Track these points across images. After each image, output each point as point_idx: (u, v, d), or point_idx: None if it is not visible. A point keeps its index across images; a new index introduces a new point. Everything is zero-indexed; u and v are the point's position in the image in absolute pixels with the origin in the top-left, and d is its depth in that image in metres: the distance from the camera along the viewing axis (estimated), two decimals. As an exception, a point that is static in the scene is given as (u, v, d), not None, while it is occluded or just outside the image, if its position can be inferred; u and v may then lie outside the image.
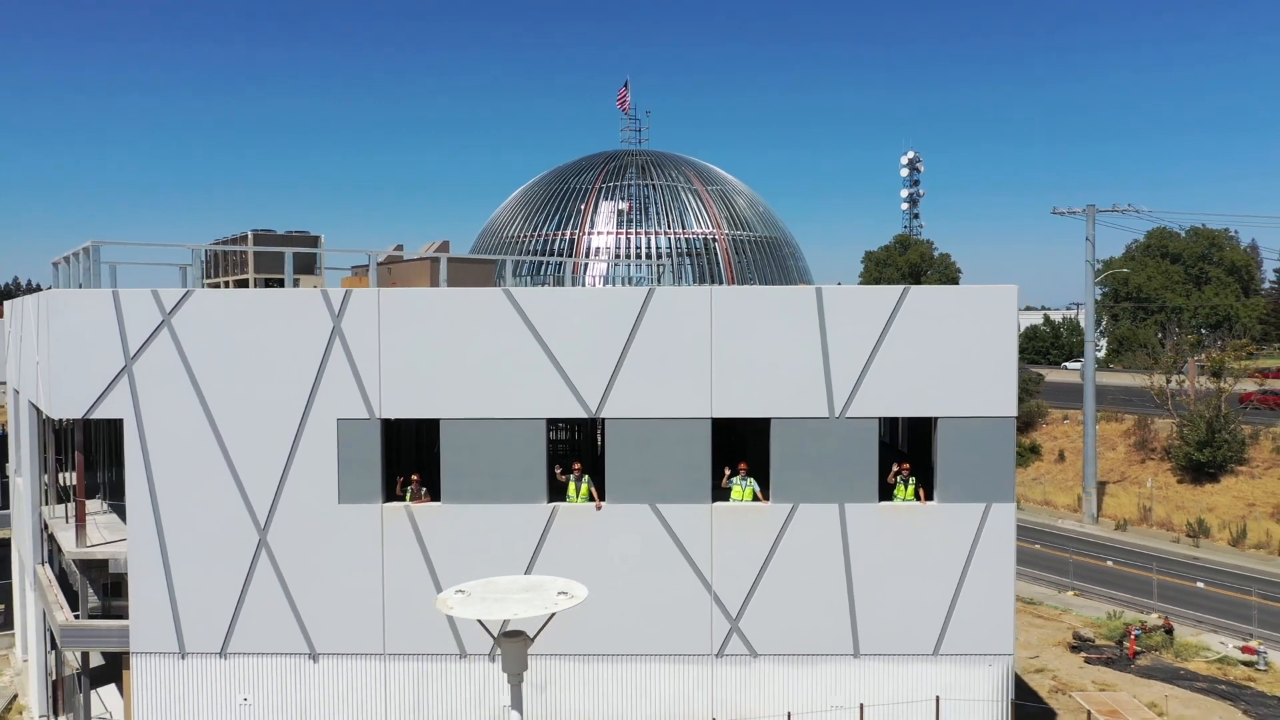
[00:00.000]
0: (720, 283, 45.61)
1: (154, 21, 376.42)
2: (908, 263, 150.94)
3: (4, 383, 35.26)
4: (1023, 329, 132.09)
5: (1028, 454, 65.94)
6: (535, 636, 8.39)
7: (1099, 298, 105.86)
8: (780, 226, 50.31)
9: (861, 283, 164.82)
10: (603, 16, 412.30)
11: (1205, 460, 51.88)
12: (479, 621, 8.38)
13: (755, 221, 47.85)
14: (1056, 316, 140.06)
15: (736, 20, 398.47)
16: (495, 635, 8.30)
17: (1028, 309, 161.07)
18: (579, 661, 20.91)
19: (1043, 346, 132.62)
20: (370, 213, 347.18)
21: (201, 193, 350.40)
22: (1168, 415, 56.51)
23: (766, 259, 46.26)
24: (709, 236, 46.48)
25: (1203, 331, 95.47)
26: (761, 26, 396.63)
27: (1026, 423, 69.32)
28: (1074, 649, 32.63)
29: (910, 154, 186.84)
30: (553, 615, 8.53)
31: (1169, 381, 56.91)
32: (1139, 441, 59.17)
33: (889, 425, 27.84)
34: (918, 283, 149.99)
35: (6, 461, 34.60)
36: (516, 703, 8.38)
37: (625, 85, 50.16)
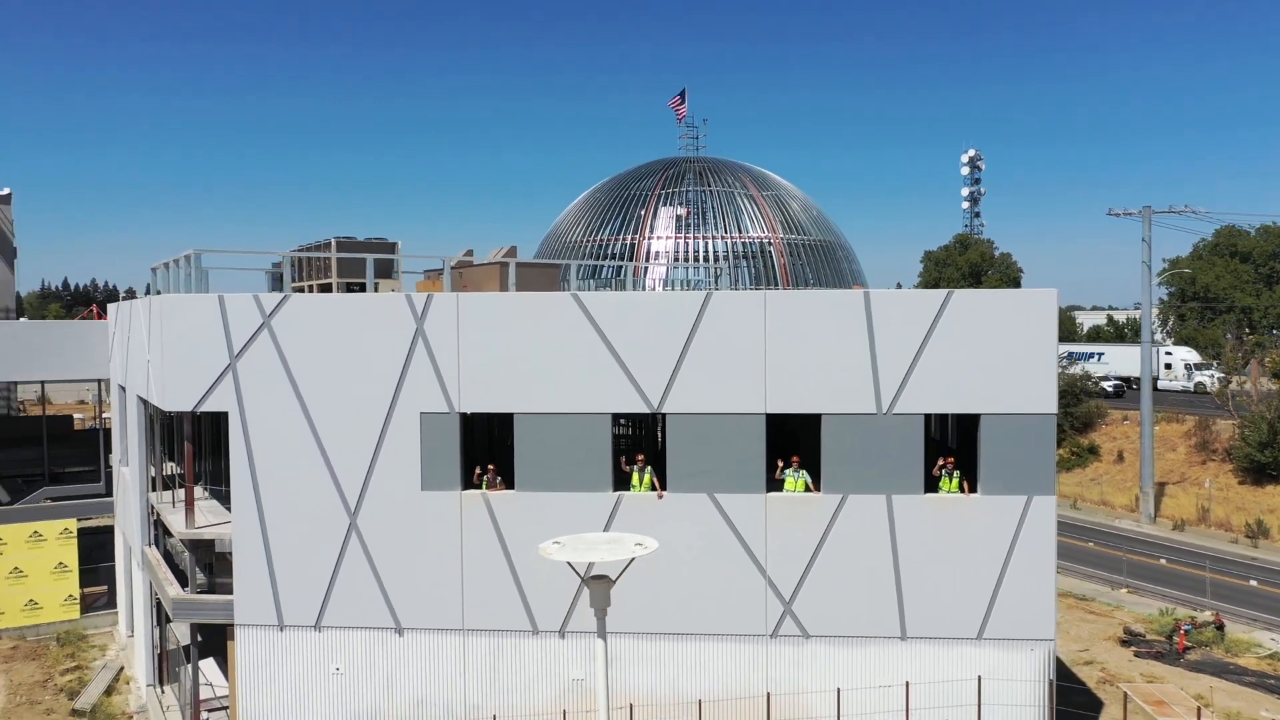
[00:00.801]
0: (775, 285, 46.88)
1: (239, 25, 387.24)
2: (967, 262, 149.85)
3: (107, 379, 37.97)
4: (1086, 329, 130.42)
5: (1086, 454, 65.96)
6: (616, 579, 9.87)
7: (1165, 298, 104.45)
8: (834, 230, 51.37)
9: (920, 283, 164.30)
10: (661, 24, 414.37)
11: (1267, 461, 51.69)
12: (568, 564, 9.89)
13: (809, 225, 48.99)
14: (1121, 316, 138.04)
15: (792, 25, 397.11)
16: (583, 577, 9.81)
17: (1094, 308, 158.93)
18: (642, 640, 22.45)
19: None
20: (441, 218, 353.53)
21: (278, 198, 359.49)
22: (1229, 416, 56.32)
23: (820, 261, 47.36)
24: (764, 240, 47.76)
25: (1275, 332, 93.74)
26: (817, 29, 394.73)
27: (1085, 423, 69.26)
28: (1124, 643, 33.31)
29: (971, 152, 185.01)
30: (632, 560, 10.00)
31: (1229, 383, 56.66)
32: (1200, 443, 58.96)
33: (938, 420, 28.92)
34: (978, 283, 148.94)
35: (110, 452, 37.27)
36: (601, 633, 9.91)
37: (682, 95, 51.79)
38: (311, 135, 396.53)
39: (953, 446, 27.79)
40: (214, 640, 26.28)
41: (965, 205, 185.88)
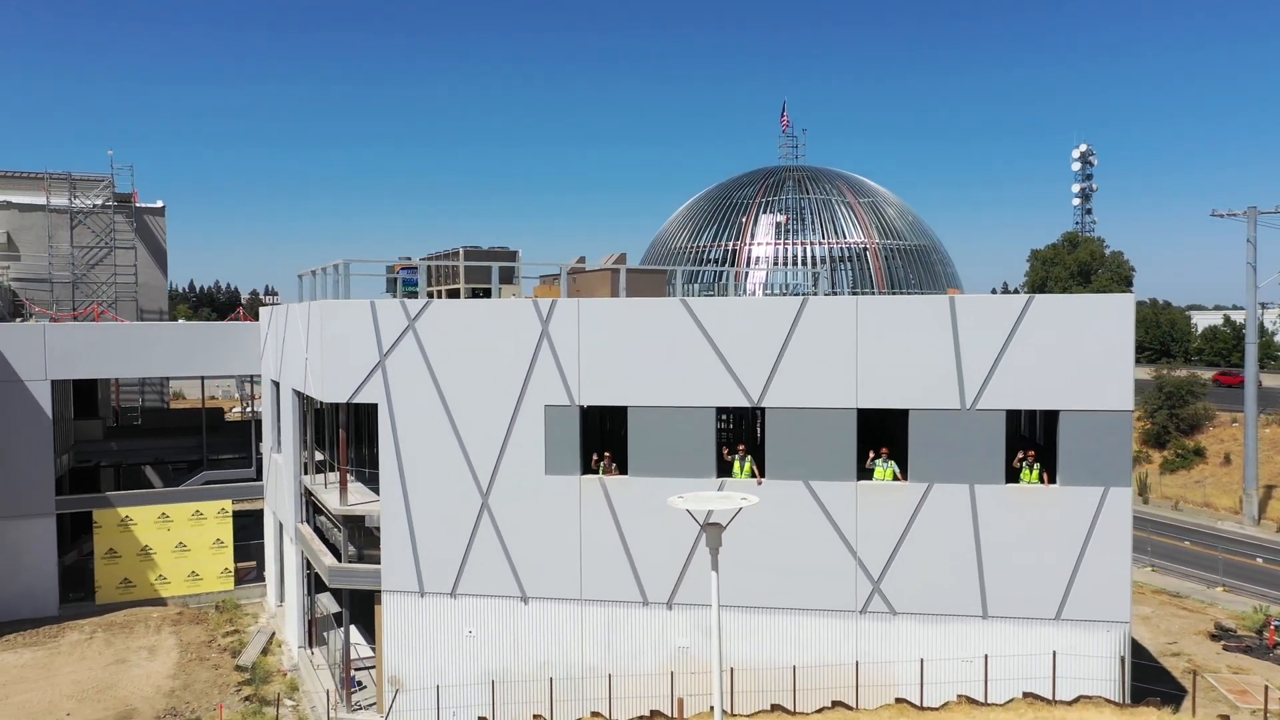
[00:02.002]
0: (871, 288, 48.49)
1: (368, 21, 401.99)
2: (1076, 261, 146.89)
3: (258, 375, 42.09)
4: (1200, 330, 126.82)
5: (1191, 456, 65.31)
6: (727, 525, 12.16)
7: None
8: (929, 234, 52.58)
9: (1027, 283, 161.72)
10: (764, 33, 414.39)
11: (1378, 465, 50.88)
12: (688, 511, 12.24)
13: (905, 230, 50.40)
14: (1239, 317, 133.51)
15: (892, 29, 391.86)
16: (701, 524, 12.15)
17: (1216, 308, 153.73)
18: (743, 612, 24.74)
19: (1223, 348, 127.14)
20: (554, 225, 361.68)
21: (383, 203, 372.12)
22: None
23: (915, 265, 48.73)
24: (861, 245, 49.40)
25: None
26: (918, 33, 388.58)
27: (1192, 425, 68.42)
28: (1214, 638, 34.08)
29: (1082, 147, 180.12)
30: (739, 509, 12.32)
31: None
32: (1311, 446, 58.09)
33: (1027, 416, 30.40)
34: (1087, 282, 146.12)
35: (260, 440, 41.38)
36: (714, 565, 12.18)
37: (784, 108, 53.73)
38: (428, 143, 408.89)
39: (1039, 441, 29.28)
40: (357, 610, 29.57)
41: (1076, 202, 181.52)
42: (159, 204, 58.74)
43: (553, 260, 34.67)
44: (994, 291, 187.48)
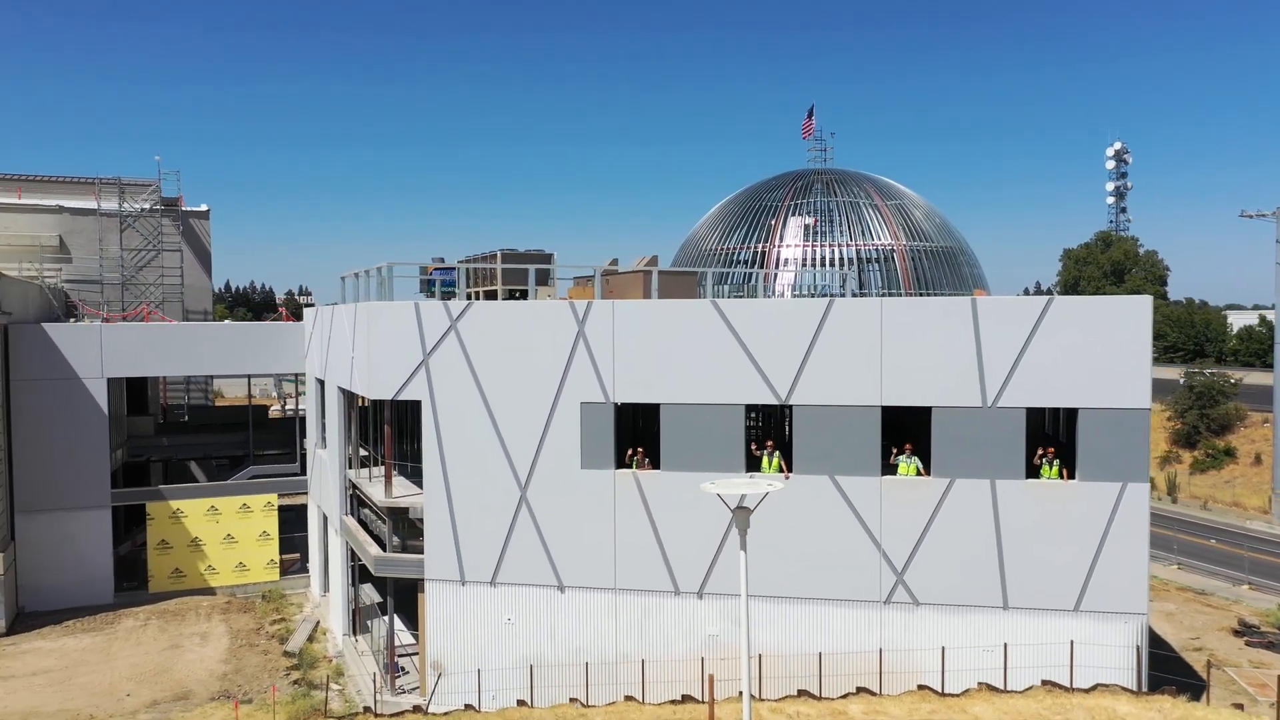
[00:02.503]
0: (899, 289, 49.27)
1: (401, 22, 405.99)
2: (1109, 260, 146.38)
3: (302, 373, 43.57)
4: (1236, 330, 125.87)
5: (1221, 456, 65.41)
6: (754, 508, 13.16)
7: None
8: (956, 236, 53.28)
9: (1059, 282, 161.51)
10: (793, 34, 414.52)
11: None
12: (718, 496, 13.26)
13: (932, 232, 51.13)
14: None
15: (923, 29, 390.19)
16: (732, 508, 13.15)
17: (1255, 307, 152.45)
18: (770, 602, 25.73)
19: (1259, 348, 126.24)
20: (587, 226, 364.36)
21: (433, 206, 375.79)
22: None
23: (942, 266, 49.46)
24: (888, 247, 50.23)
25: None
26: (949, 33, 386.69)
27: (1223, 425, 68.48)
28: (1236, 634, 34.60)
29: (1117, 145, 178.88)
30: (766, 494, 13.31)
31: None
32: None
33: (1049, 413, 31.09)
34: (1120, 282, 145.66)
35: (304, 437, 42.85)
36: (743, 545, 13.17)
37: (810, 112, 54.70)
38: (465, 145, 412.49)
39: (1061, 440, 30.00)
40: (399, 599, 30.82)
41: (1110, 201, 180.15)
42: (203, 207, 60.59)
43: (586, 262, 35.83)
44: (1026, 291, 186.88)
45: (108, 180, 57.17)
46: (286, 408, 77.23)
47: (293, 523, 45.25)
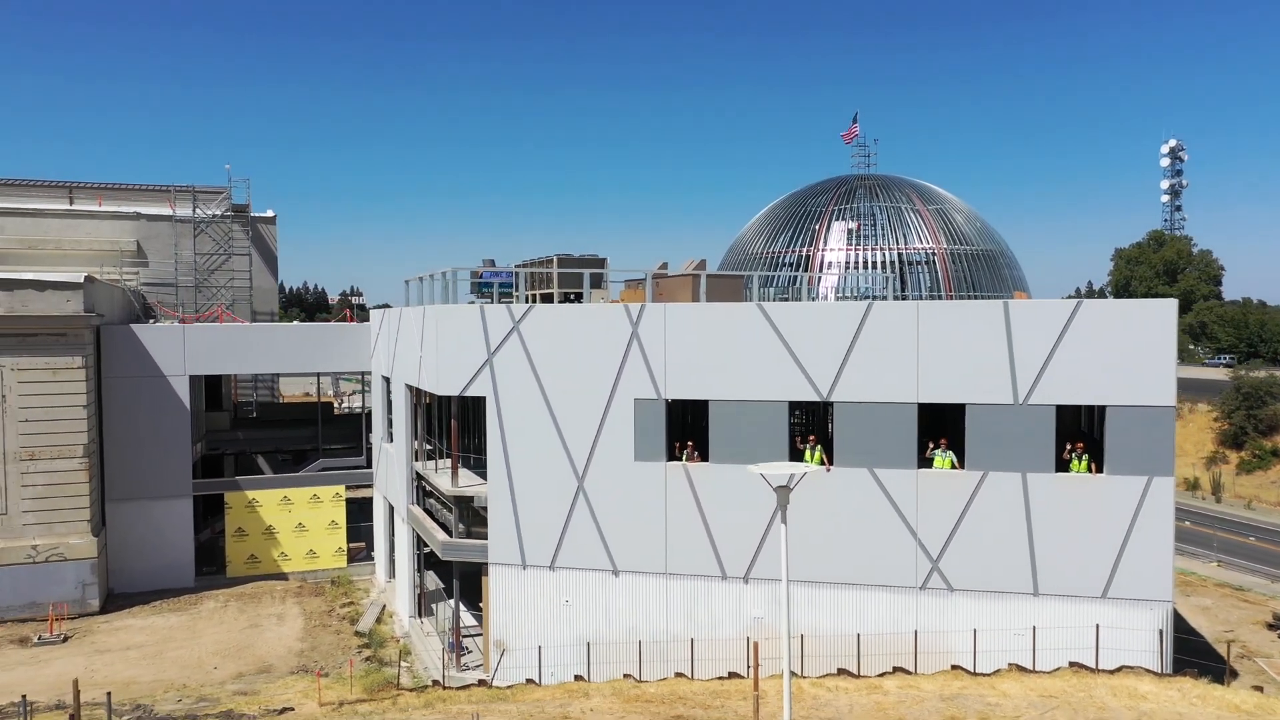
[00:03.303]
0: (939, 293, 50.51)
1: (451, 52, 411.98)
2: (1161, 260, 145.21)
3: (368, 371, 45.96)
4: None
5: (1268, 457, 65.61)
6: (793, 488, 14.86)
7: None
8: (997, 240, 54.36)
9: (1110, 282, 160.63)
10: (838, 36, 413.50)
11: None
12: (762, 475, 14.99)
13: (973, 236, 52.30)
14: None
15: (969, 31, 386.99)
16: (774, 486, 14.87)
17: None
18: (811, 587, 27.37)
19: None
20: (638, 230, 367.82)
21: (484, 209, 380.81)
22: None
23: (982, 269, 50.61)
24: (929, 251, 51.47)
25: None
26: (1001, 33, 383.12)
27: (1271, 426, 68.58)
28: (1270, 627, 35.54)
29: (1171, 142, 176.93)
30: (804, 474, 15.02)
31: None
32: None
33: (1073, 408, 32.32)
34: (1173, 281, 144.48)
35: (370, 431, 45.24)
36: (783, 519, 14.87)
37: (854, 119, 56.07)
38: (518, 149, 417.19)
39: (1095, 435, 31.26)
40: (461, 584, 32.88)
41: (1165, 199, 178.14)
42: (269, 213, 63.50)
43: (637, 265, 37.67)
44: (1077, 291, 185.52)
45: (182, 188, 60.30)
46: (343, 405, 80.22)
47: (356, 514, 47.69)
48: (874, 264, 51.46)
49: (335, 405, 78.97)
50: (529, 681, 28.15)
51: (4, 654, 33.72)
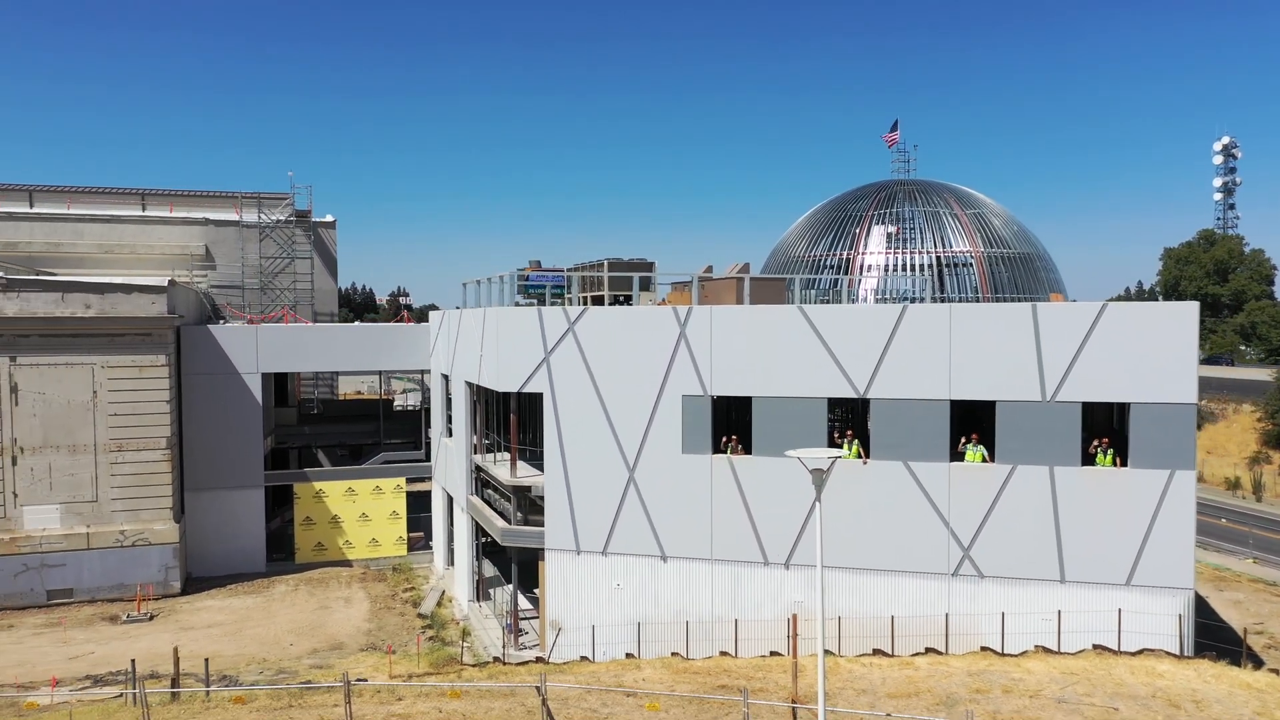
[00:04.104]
0: (977, 295, 51.77)
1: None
2: (1212, 260, 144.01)
3: (427, 370, 48.31)
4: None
5: (1312, 457, 65.89)
6: (828, 471, 16.62)
7: None
8: (1033, 242, 55.41)
9: (1159, 281, 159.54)
10: (878, 39, 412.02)
11: None
12: (799, 459, 16.77)
13: (1010, 239, 53.43)
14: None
15: (1018, 30, 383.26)
16: (809, 469, 16.65)
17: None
18: (848, 574, 29.05)
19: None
20: (682, 235, 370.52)
21: (535, 214, 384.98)
22: None
23: (1018, 271, 51.75)
24: (967, 254, 52.76)
25: None
26: (1050, 33, 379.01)
27: (1316, 426, 68.80)
28: (1300, 620, 36.53)
29: (1225, 139, 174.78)
30: (838, 458, 16.78)
31: None
32: None
33: (1104, 406, 33.61)
34: (1224, 281, 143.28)
35: (429, 427, 47.59)
36: (819, 496, 16.63)
37: (894, 125, 57.45)
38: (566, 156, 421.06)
39: (1120, 429, 32.55)
40: (520, 569, 34.97)
41: (1217, 197, 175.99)
42: (329, 218, 66.29)
43: (682, 267, 39.52)
44: (1126, 291, 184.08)
45: (248, 195, 63.31)
46: (397, 403, 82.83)
47: (414, 505, 50.05)
48: (913, 267, 52.84)
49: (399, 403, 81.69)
50: (583, 659, 30.14)
51: (98, 630, 36.48)
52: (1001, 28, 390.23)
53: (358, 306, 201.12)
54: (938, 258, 53.02)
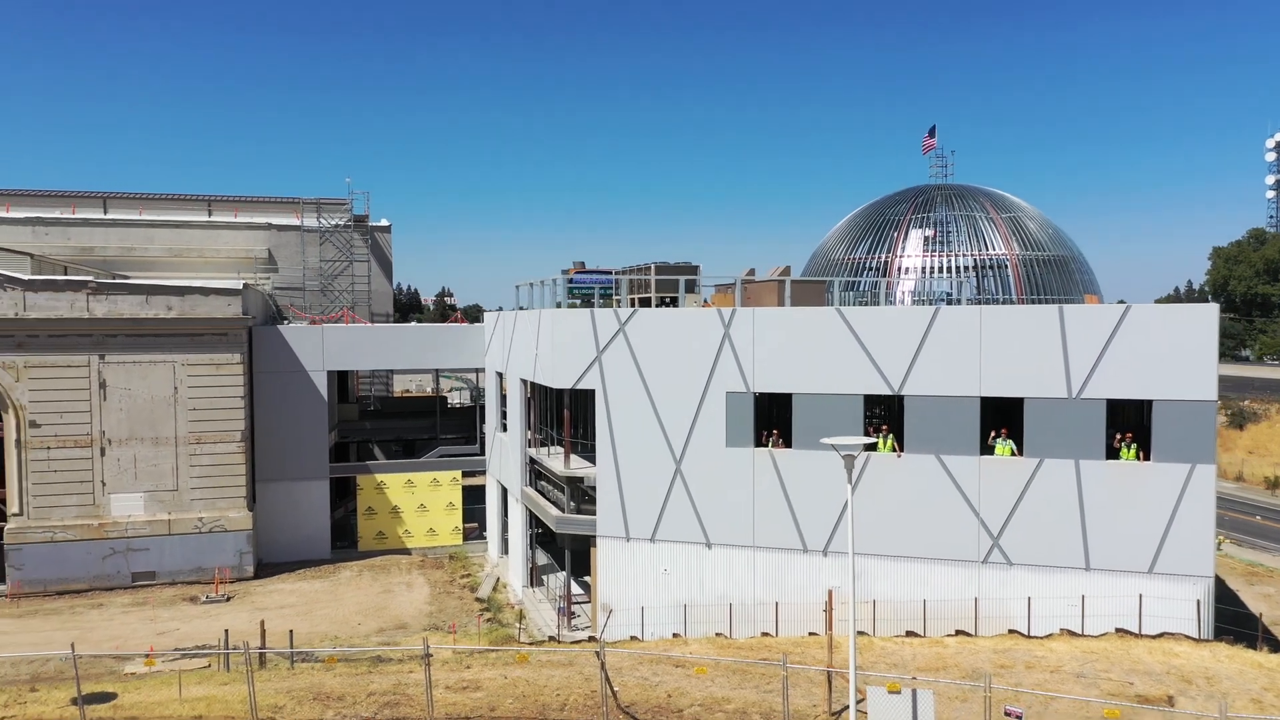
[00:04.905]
0: (1010, 296, 53.10)
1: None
2: (1262, 259, 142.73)
3: (482, 368, 50.63)
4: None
5: (1351, 457, 66.18)
6: (858, 453, 18.43)
7: None
8: (1068, 245, 56.56)
9: (1208, 281, 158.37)
10: (912, 36, 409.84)
11: None
12: (833, 446, 18.63)
13: (1045, 242, 54.64)
14: None
15: (1068, 32, 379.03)
16: (841, 454, 18.48)
17: None
18: (883, 561, 30.77)
19: None
20: (730, 238, 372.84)
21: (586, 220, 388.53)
22: None
23: (1053, 273, 52.97)
24: (1002, 257, 54.07)
25: None
26: (1097, 32, 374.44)
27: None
28: (1327, 613, 37.57)
29: (1277, 136, 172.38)
30: (869, 443, 18.62)
31: None
32: None
33: (1137, 403, 34.95)
34: (1275, 280, 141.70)
35: (483, 423, 49.91)
36: (849, 480, 18.46)
37: (931, 131, 58.80)
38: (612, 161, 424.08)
39: (1145, 424, 33.89)
40: (572, 556, 37.10)
41: (1270, 195, 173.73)
42: (385, 223, 69.00)
43: (726, 270, 41.33)
44: (1176, 290, 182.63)
45: (308, 200, 66.19)
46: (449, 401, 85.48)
47: (467, 497, 52.47)
48: (949, 269, 54.26)
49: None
50: (632, 638, 32.17)
51: (180, 609, 39.24)
52: (1053, 30, 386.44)
53: (403, 307, 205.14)
54: (974, 260, 54.41)
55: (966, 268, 53.57)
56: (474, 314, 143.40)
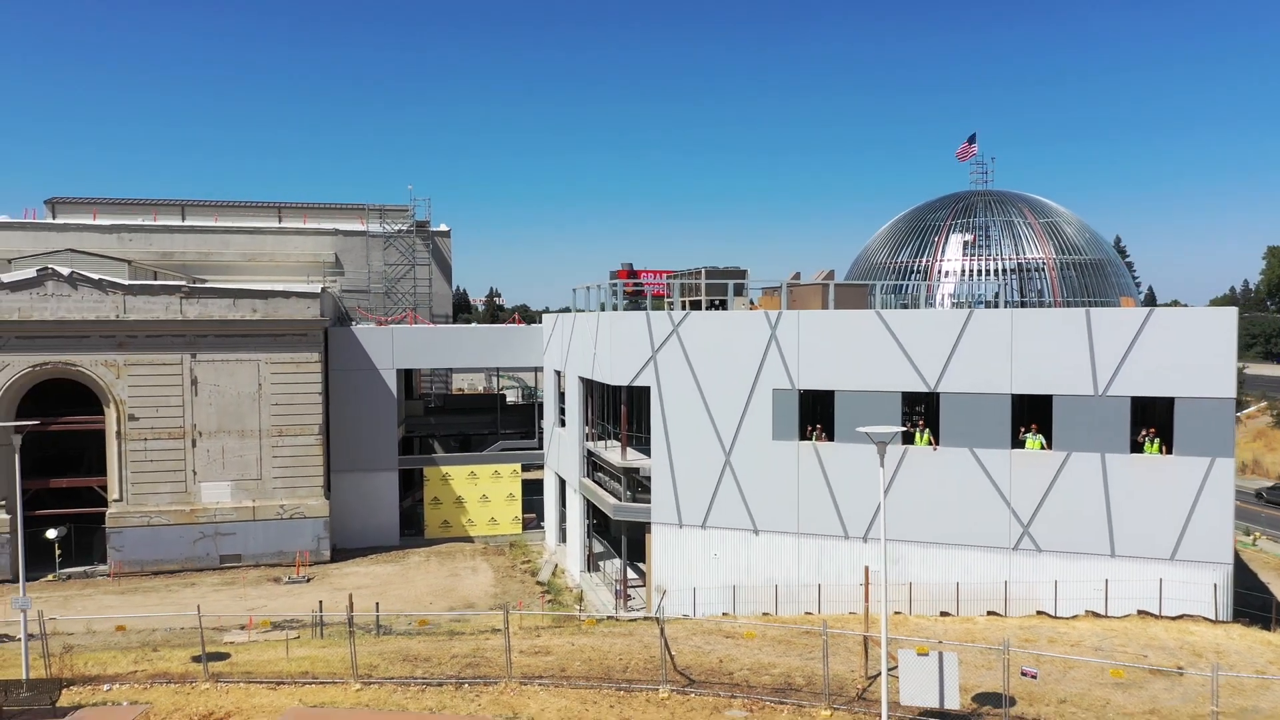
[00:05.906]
0: (1047, 299, 54.78)
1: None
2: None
3: (540, 367, 53.43)
4: None
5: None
6: (889, 442, 20.75)
7: None
8: (1105, 249, 58.03)
9: (1262, 280, 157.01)
10: (955, 39, 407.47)
11: None
12: (865, 433, 20.97)
13: (1083, 246, 56.20)
14: None
15: (1120, 31, 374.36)
16: (874, 440, 20.82)
17: None
18: (919, 547, 32.96)
19: None
20: (774, 241, 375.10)
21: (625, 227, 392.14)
22: None
23: (1090, 276, 54.54)
24: (1039, 260, 55.77)
25: None
26: (1140, 37, 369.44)
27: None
28: (1354, 604, 38.93)
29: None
30: (898, 430, 20.93)
31: None
32: None
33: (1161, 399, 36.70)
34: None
35: (542, 419, 52.72)
36: (882, 462, 20.73)
37: (971, 138, 60.53)
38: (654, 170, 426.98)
39: (1160, 418, 35.65)
40: (627, 543, 39.67)
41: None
42: (444, 228, 72.18)
43: (772, 273, 43.62)
44: (1232, 289, 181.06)
45: (372, 207, 69.62)
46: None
47: (525, 489, 55.32)
48: (988, 273, 56.07)
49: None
50: (684, 616, 34.65)
51: (266, 588, 42.49)
52: (1106, 31, 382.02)
53: (454, 308, 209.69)
54: (1013, 264, 56.17)
55: (1004, 271, 55.33)
56: (524, 315, 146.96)
